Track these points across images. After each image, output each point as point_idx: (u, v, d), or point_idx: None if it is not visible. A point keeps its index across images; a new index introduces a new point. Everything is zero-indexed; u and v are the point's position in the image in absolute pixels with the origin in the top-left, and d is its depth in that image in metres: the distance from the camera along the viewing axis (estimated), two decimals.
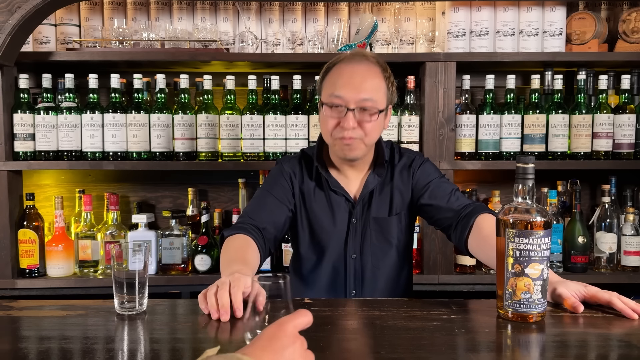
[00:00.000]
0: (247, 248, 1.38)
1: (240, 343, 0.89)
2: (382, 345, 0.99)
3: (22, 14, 1.88)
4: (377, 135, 1.48)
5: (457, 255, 2.23)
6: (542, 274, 1.07)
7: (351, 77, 1.42)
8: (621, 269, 2.24)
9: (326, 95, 1.45)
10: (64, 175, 2.47)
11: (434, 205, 1.53)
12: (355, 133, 1.42)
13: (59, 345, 0.99)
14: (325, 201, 1.56)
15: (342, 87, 1.41)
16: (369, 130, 1.43)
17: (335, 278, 1.57)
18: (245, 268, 1.25)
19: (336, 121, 1.43)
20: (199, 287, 2.16)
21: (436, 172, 1.59)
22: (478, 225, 1.39)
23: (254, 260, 1.36)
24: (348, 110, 1.40)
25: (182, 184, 2.48)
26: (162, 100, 2.21)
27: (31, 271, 2.17)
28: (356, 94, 1.40)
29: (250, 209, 1.53)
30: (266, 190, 1.56)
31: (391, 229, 1.57)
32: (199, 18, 2.35)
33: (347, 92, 1.40)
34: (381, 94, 1.44)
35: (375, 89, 1.42)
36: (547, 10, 2.26)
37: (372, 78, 1.43)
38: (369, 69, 1.44)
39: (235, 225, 1.46)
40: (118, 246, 1.15)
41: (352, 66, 1.44)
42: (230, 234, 1.42)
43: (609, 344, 1.01)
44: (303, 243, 1.59)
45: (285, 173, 1.58)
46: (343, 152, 1.46)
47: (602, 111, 2.21)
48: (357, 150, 1.46)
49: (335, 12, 2.37)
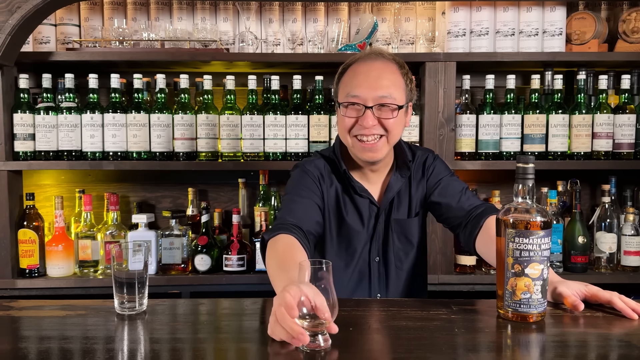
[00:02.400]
0: (294, 249, 1.26)
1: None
2: (382, 345, 0.99)
3: (22, 14, 1.87)
4: (399, 133, 1.44)
5: (457, 255, 2.23)
6: (542, 274, 1.07)
7: (367, 75, 1.39)
8: (621, 269, 2.24)
9: (343, 96, 1.41)
10: (64, 175, 2.47)
11: (443, 204, 1.51)
12: (376, 130, 1.38)
13: (59, 345, 0.99)
14: (352, 204, 1.52)
15: (359, 86, 1.38)
16: (390, 127, 1.39)
17: (360, 282, 1.55)
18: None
19: (354, 120, 1.39)
20: (199, 287, 2.17)
21: (447, 170, 1.58)
22: (487, 227, 1.38)
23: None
24: (366, 109, 1.37)
25: (182, 184, 2.48)
26: (162, 100, 2.21)
27: (31, 271, 2.17)
28: (373, 91, 1.37)
29: (284, 212, 1.42)
30: (294, 193, 1.46)
31: (412, 230, 1.55)
32: (199, 18, 2.35)
33: (363, 91, 1.37)
34: (400, 90, 1.40)
35: (393, 85, 1.39)
36: (547, 10, 2.26)
37: (390, 74, 1.40)
38: (385, 66, 1.41)
39: (275, 226, 1.35)
40: (118, 246, 1.15)
41: (368, 64, 1.40)
42: (271, 236, 1.30)
43: (609, 344, 1.01)
44: (330, 249, 1.52)
45: (311, 174, 1.50)
46: (364, 154, 1.42)
47: (602, 111, 2.21)
48: (379, 152, 1.41)
49: (335, 12, 2.37)
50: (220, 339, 1.05)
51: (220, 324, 1.13)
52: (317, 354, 0.92)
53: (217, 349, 1.00)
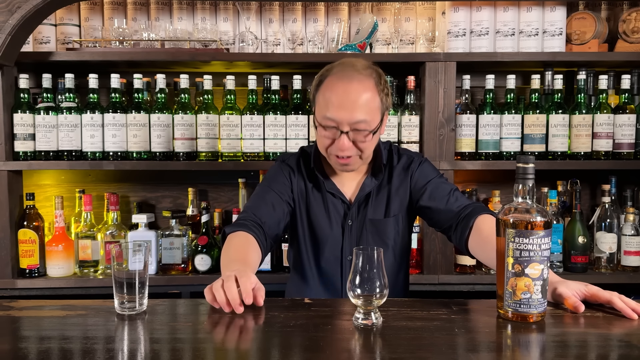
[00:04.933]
0: (248, 247, 1.38)
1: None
2: (382, 345, 0.99)
3: (22, 14, 1.87)
4: (372, 148, 1.49)
5: (457, 255, 2.23)
6: (542, 274, 1.07)
7: (343, 97, 1.39)
8: (621, 269, 2.24)
9: (320, 116, 1.44)
10: (64, 175, 2.47)
11: (433, 208, 1.52)
12: (351, 152, 1.44)
13: (59, 345, 0.99)
14: (322, 202, 1.57)
15: (335, 110, 1.39)
16: (364, 148, 1.44)
17: (331, 279, 1.58)
18: (246, 267, 1.25)
19: (331, 140, 1.44)
20: (199, 287, 2.17)
21: (434, 172, 1.59)
22: (478, 226, 1.39)
23: (255, 259, 1.37)
24: (342, 133, 1.40)
25: (182, 184, 2.48)
26: (162, 100, 2.21)
27: (31, 271, 2.17)
28: (349, 116, 1.38)
29: (251, 204, 1.53)
30: (266, 186, 1.57)
31: (387, 231, 1.57)
32: (199, 18, 2.35)
33: (339, 115, 1.39)
34: (375, 111, 1.42)
35: (368, 108, 1.40)
36: (547, 10, 2.26)
37: (365, 94, 1.40)
38: (360, 85, 1.40)
39: (236, 222, 1.46)
40: (118, 246, 1.15)
41: (345, 84, 1.40)
42: (231, 231, 1.43)
43: (609, 344, 1.01)
44: (302, 241, 1.60)
45: (285, 170, 1.59)
46: (340, 167, 1.50)
47: (602, 111, 2.21)
48: (353, 165, 1.49)
49: (336, 12, 2.37)
50: (220, 339, 1.05)
51: (220, 324, 1.13)
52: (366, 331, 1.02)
53: (217, 349, 1.00)
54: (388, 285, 1.08)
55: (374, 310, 1.08)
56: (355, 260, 1.07)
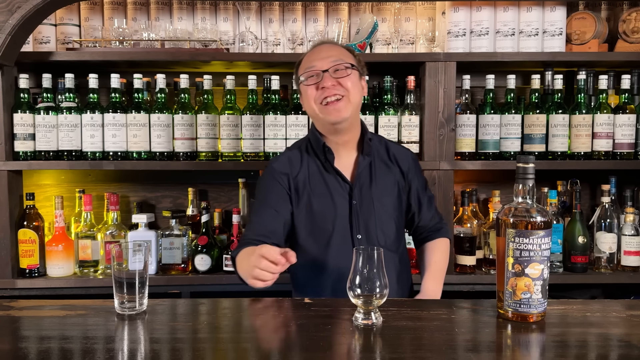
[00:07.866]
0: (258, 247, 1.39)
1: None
2: (382, 345, 0.99)
3: (22, 14, 1.87)
4: (359, 94, 1.57)
5: (457, 255, 2.23)
6: (542, 273, 1.07)
7: (319, 51, 1.58)
8: (621, 269, 2.24)
9: (302, 75, 1.57)
10: (64, 175, 2.47)
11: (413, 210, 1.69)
12: (338, 90, 1.52)
13: (59, 345, 0.99)
14: (324, 187, 1.60)
15: (313, 60, 1.56)
16: (349, 86, 1.53)
17: (342, 260, 1.55)
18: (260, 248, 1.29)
19: (315, 87, 1.54)
20: (199, 287, 2.17)
21: (422, 175, 1.74)
22: (435, 244, 1.69)
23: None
24: (323, 72, 1.52)
25: (182, 184, 2.48)
26: (162, 100, 2.21)
27: (31, 271, 2.17)
28: (326, 59, 1.54)
29: (251, 227, 1.59)
30: (261, 201, 1.61)
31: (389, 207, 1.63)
32: (199, 18, 2.35)
33: (317, 62, 1.55)
34: (349, 56, 1.58)
35: (341, 53, 1.58)
36: (547, 10, 2.26)
37: (337, 48, 1.61)
38: (333, 45, 1.62)
39: (240, 244, 1.53)
40: (118, 246, 1.15)
41: (318, 47, 1.61)
42: (237, 253, 1.48)
43: (609, 344, 1.01)
44: (301, 233, 1.60)
45: (277, 173, 1.61)
46: (330, 115, 1.53)
47: (602, 111, 2.21)
48: (344, 110, 1.53)
49: (335, 12, 2.37)
50: (220, 339, 1.05)
51: (220, 324, 1.13)
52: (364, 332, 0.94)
53: (217, 349, 1.00)
54: (388, 285, 1.09)
55: (374, 310, 1.09)
56: (355, 260, 1.08)
